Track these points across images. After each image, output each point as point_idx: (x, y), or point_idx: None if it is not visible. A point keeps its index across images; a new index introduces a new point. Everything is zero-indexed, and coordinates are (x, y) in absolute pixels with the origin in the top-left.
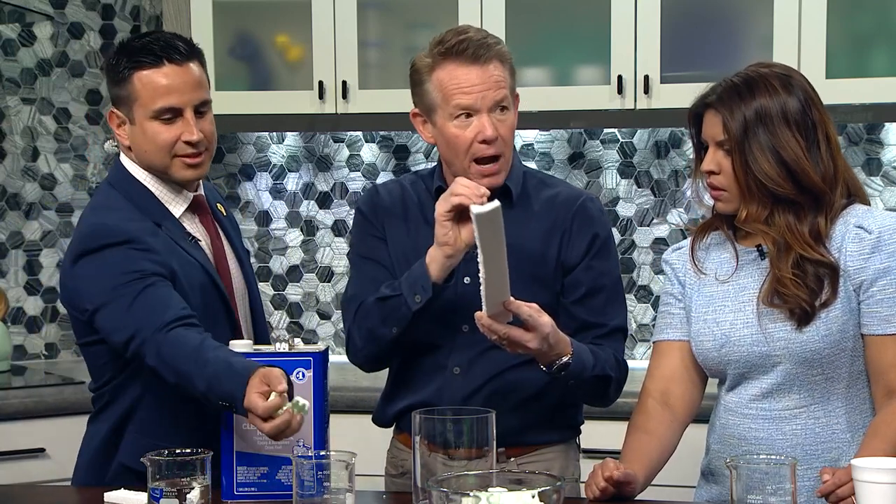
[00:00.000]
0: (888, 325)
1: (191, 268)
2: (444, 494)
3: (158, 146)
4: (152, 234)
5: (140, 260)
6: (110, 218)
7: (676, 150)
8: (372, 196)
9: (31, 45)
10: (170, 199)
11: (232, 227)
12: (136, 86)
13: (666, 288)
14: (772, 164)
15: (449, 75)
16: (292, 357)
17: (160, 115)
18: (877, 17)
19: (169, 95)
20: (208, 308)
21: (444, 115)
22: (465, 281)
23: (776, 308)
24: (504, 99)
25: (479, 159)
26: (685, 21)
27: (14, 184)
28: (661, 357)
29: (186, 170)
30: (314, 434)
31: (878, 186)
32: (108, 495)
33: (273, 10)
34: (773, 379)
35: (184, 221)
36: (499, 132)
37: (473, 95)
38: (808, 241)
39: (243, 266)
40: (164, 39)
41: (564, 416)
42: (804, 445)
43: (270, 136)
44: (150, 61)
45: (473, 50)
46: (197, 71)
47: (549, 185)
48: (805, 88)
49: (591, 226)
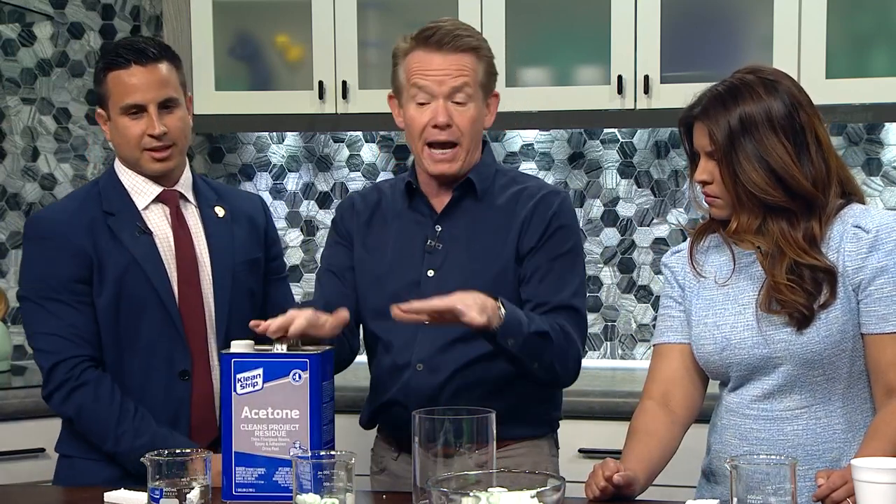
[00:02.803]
0: (886, 323)
1: (115, 258)
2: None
3: (128, 140)
4: (87, 227)
5: (58, 263)
6: (56, 208)
7: (676, 150)
8: (344, 203)
9: (31, 45)
10: (137, 191)
11: (227, 230)
12: (109, 85)
13: (665, 291)
14: (759, 173)
15: (415, 59)
16: (288, 359)
17: (127, 111)
18: (877, 17)
19: (134, 93)
20: (128, 295)
21: (407, 96)
22: (428, 274)
23: (775, 314)
24: (463, 87)
25: (432, 143)
26: (685, 21)
27: (14, 184)
28: (661, 359)
29: (154, 163)
30: (311, 435)
31: (878, 186)
32: (108, 495)
33: (273, 10)
34: (775, 380)
35: (148, 213)
36: (454, 120)
37: (430, 79)
38: (803, 246)
39: (220, 266)
40: (136, 43)
41: (536, 410)
42: (805, 446)
43: (270, 136)
44: (120, 63)
45: (440, 38)
46: (164, 71)
47: (519, 182)
48: (791, 92)
49: (548, 214)
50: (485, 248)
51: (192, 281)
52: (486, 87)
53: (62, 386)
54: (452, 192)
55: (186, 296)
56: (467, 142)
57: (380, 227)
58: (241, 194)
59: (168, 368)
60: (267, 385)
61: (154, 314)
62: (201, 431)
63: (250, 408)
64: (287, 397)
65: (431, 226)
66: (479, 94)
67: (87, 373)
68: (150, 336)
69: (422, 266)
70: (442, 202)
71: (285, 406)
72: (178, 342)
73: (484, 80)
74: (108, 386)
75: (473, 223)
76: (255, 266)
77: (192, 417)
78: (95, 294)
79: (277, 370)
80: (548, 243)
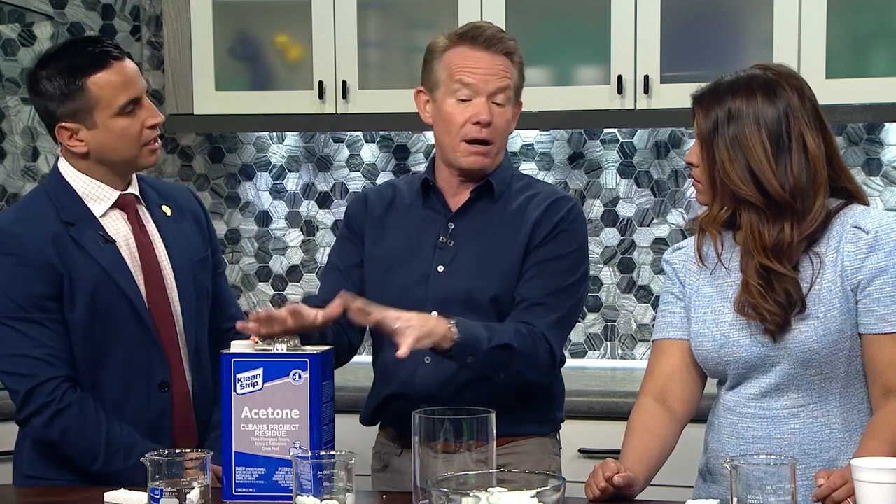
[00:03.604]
0: (885, 324)
1: (85, 271)
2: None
3: (128, 139)
4: (51, 240)
5: (25, 279)
6: (11, 220)
7: (676, 150)
8: (357, 199)
9: (31, 45)
10: (93, 198)
11: (178, 229)
12: (92, 92)
13: (666, 287)
14: (735, 165)
15: (459, 55)
16: (289, 358)
17: (124, 110)
18: (877, 17)
19: (128, 88)
20: (102, 309)
21: (446, 90)
22: (438, 269)
23: (749, 318)
24: (506, 88)
25: (470, 140)
26: (685, 21)
27: (14, 184)
28: (660, 355)
29: (151, 156)
30: (311, 435)
31: (878, 186)
32: (108, 495)
33: (273, 10)
34: (772, 379)
35: (107, 220)
36: (493, 119)
37: (478, 76)
38: (766, 247)
39: (180, 268)
40: (91, 46)
41: (540, 409)
42: (802, 444)
43: (270, 136)
44: (99, 64)
45: (486, 38)
46: (131, 62)
47: (533, 187)
48: (789, 101)
49: (555, 218)
50: (494, 248)
51: (159, 288)
52: (518, 92)
53: (43, 409)
54: (470, 192)
55: (156, 303)
56: (500, 142)
57: (393, 223)
58: (176, 188)
59: (147, 380)
60: (267, 385)
61: (129, 326)
62: (183, 440)
63: (250, 408)
64: (287, 397)
65: (445, 223)
66: (513, 98)
67: (69, 394)
68: (126, 349)
69: (432, 261)
70: (458, 201)
71: (285, 406)
72: (155, 353)
73: (518, 84)
74: (91, 406)
75: (486, 223)
76: (206, 264)
77: (173, 427)
78: (67, 310)
79: (277, 370)
80: (548, 245)
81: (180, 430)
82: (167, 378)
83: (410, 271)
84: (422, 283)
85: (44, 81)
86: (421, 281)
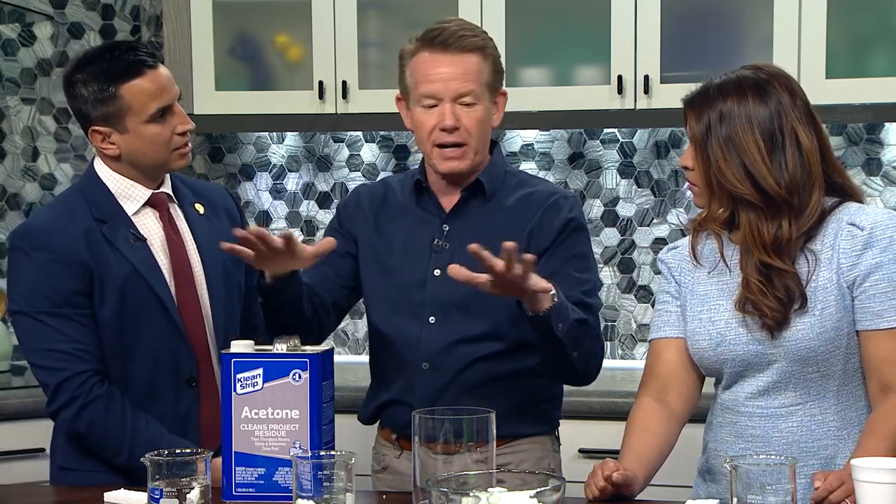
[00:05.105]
0: (881, 319)
1: (115, 268)
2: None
3: (160, 145)
4: (83, 237)
5: (56, 275)
6: (46, 217)
7: (676, 150)
8: (350, 196)
9: (31, 45)
10: (126, 197)
11: (211, 227)
12: (125, 98)
13: (662, 286)
14: (730, 165)
15: (421, 62)
16: (289, 358)
17: (155, 117)
18: (877, 17)
19: (162, 95)
20: (131, 305)
21: (414, 99)
22: (434, 273)
23: (749, 315)
24: (469, 92)
25: (440, 145)
26: (685, 21)
27: (14, 184)
28: (658, 355)
29: (181, 160)
30: (311, 435)
31: (878, 186)
32: (108, 495)
33: (273, 10)
34: (769, 377)
35: (139, 218)
36: (461, 122)
37: (437, 84)
38: (766, 244)
39: (211, 265)
40: (130, 53)
41: (539, 408)
42: (800, 442)
43: (270, 136)
44: (133, 72)
45: (444, 39)
46: (165, 69)
47: (529, 185)
48: (780, 99)
49: (560, 217)
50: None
51: (189, 285)
52: (493, 86)
53: (72, 403)
54: (461, 192)
55: (185, 301)
56: (475, 142)
57: (386, 223)
58: (211, 187)
59: (175, 376)
60: (267, 385)
61: (157, 322)
62: (211, 437)
63: (250, 408)
64: (287, 397)
65: (439, 225)
66: (486, 94)
67: (96, 388)
68: (154, 345)
69: (428, 265)
70: (451, 201)
71: (285, 406)
72: (183, 349)
73: (490, 79)
74: (117, 400)
75: (481, 224)
76: (240, 262)
77: (201, 423)
78: (97, 305)
79: (277, 370)
80: (561, 245)
81: (207, 429)
82: (194, 373)
83: (407, 275)
84: (419, 288)
85: (79, 85)
86: (418, 285)
